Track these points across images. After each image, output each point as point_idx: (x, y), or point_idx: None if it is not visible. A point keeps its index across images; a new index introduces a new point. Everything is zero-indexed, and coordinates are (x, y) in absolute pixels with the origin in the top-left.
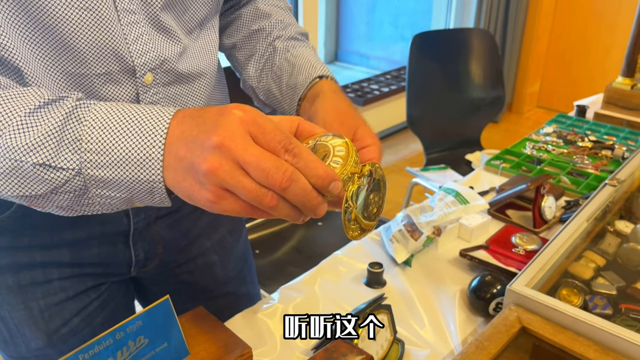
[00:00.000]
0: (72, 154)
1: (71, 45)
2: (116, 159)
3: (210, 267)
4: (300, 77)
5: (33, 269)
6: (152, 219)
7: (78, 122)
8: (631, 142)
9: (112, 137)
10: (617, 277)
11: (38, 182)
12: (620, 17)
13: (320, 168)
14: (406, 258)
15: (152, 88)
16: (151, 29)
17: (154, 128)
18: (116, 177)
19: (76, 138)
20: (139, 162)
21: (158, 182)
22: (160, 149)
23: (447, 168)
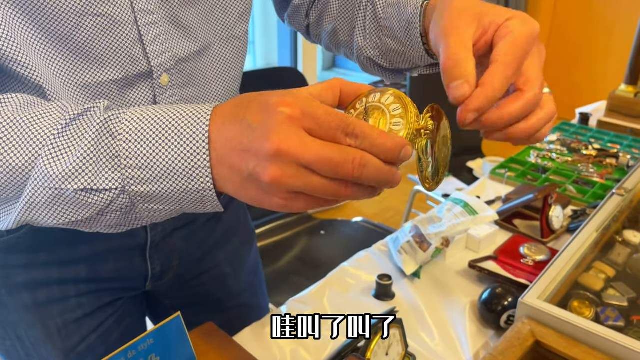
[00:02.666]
0: (113, 172)
1: (87, 53)
2: (159, 173)
3: (223, 278)
4: (410, 9)
5: (50, 286)
6: (168, 230)
7: (112, 138)
8: (635, 150)
9: (151, 150)
10: (628, 288)
11: (83, 207)
12: (618, 22)
13: (387, 141)
14: (415, 270)
15: (169, 90)
16: (170, 27)
17: (193, 134)
18: (163, 190)
19: (113, 155)
20: (185, 173)
21: (209, 190)
22: (206, 156)
23: (449, 175)
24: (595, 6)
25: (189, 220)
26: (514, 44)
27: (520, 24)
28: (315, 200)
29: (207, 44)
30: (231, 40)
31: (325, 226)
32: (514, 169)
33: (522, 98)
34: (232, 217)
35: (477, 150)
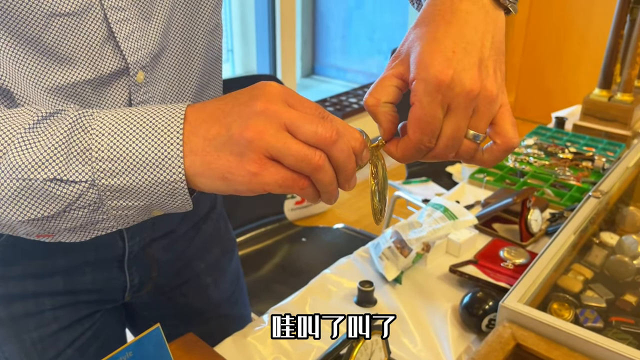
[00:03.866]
0: (83, 165)
1: (58, 54)
2: (131, 164)
3: (204, 289)
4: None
5: (25, 299)
6: (147, 241)
7: (84, 132)
8: (610, 153)
9: (124, 142)
10: (606, 290)
11: (50, 200)
12: (592, 28)
13: (355, 132)
14: (396, 275)
15: (143, 87)
16: (143, 23)
17: (168, 124)
18: (133, 183)
19: (85, 148)
20: (157, 163)
21: (180, 181)
22: (179, 145)
23: (428, 181)
24: (569, 14)
25: (168, 230)
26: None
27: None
28: (285, 175)
29: (181, 38)
30: (205, 34)
31: (306, 233)
32: (493, 173)
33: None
34: (212, 227)
35: None
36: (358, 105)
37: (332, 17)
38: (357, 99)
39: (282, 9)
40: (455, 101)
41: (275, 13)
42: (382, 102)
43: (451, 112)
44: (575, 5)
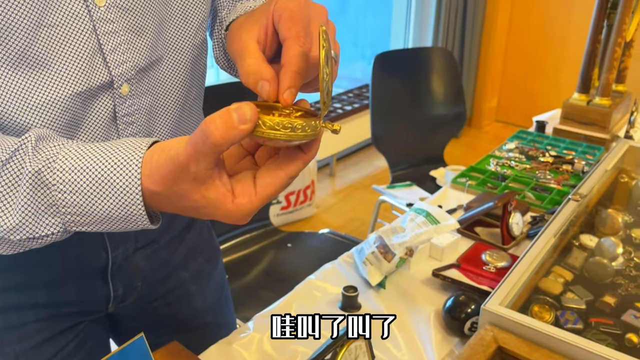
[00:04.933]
0: (53, 218)
1: (46, 68)
2: (99, 219)
3: (188, 298)
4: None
5: (7, 312)
6: (130, 251)
7: (47, 188)
8: (589, 156)
9: (87, 201)
10: (585, 291)
11: (26, 246)
12: (571, 33)
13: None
14: (380, 280)
15: (128, 99)
16: (131, 36)
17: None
18: (103, 229)
19: (51, 203)
20: (123, 219)
21: (147, 225)
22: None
23: (412, 185)
24: (548, 20)
25: (151, 240)
26: (291, 18)
27: (286, 2)
28: None
29: (166, 52)
30: (191, 48)
31: (291, 239)
32: (475, 178)
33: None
34: (195, 236)
35: (439, 160)
36: (342, 110)
37: None
38: (341, 104)
39: None
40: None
41: None
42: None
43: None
44: (554, 10)
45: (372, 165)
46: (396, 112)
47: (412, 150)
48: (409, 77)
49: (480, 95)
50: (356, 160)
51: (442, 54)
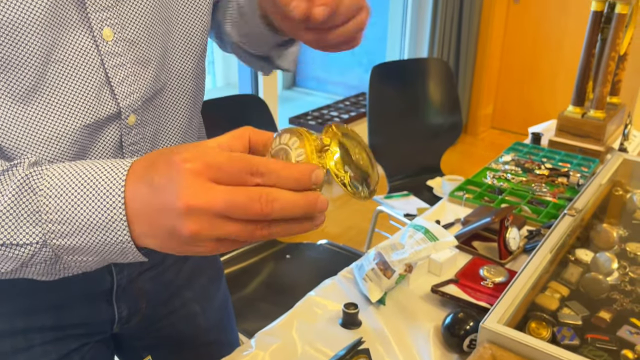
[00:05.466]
0: (33, 227)
1: (56, 101)
2: (79, 226)
3: (192, 317)
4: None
5: (14, 335)
6: (135, 274)
7: (33, 193)
8: (584, 168)
9: (70, 204)
10: (581, 307)
11: (4, 260)
12: (566, 40)
13: (293, 170)
14: (380, 297)
15: (134, 129)
16: (137, 67)
17: (109, 190)
18: (83, 243)
19: (34, 210)
20: (103, 227)
21: (127, 242)
22: (121, 210)
23: (409, 195)
24: (543, 27)
25: (156, 262)
26: None
27: None
28: (240, 242)
29: (169, 81)
30: (191, 77)
31: (290, 250)
32: (472, 191)
33: None
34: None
35: (436, 169)
36: (339, 119)
37: None
38: (338, 112)
39: None
40: None
41: None
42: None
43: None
44: (549, 16)
45: None
46: (393, 123)
47: (409, 160)
48: (405, 87)
49: (476, 102)
50: None
51: (438, 65)
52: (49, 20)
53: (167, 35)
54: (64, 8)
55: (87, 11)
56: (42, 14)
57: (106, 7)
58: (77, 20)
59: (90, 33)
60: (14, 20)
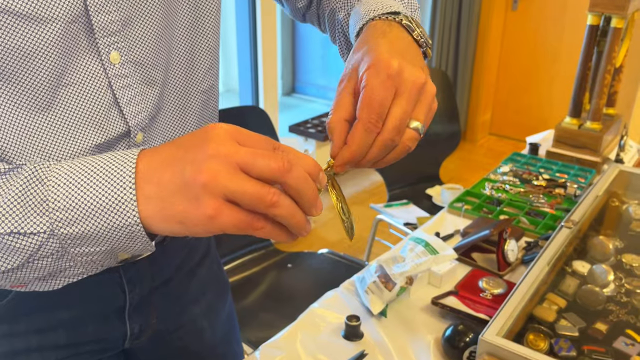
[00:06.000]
0: (41, 216)
1: (67, 123)
2: (87, 211)
3: (200, 332)
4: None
5: (29, 353)
6: (146, 291)
7: (41, 184)
8: (581, 179)
9: (78, 189)
10: (578, 319)
11: (11, 252)
12: (563, 48)
13: (308, 159)
14: (381, 309)
15: (141, 145)
16: (144, 87)
17: (120, 170)
18: (91, 229)
19: (42, 199)
20: (110, 208)
21: (135, 224)
22: (131, 189)
23: (409, 203)
24: (540, 35)
25: (167, 278)
26: (369, 99)
27: (374, 74)
28: (242, 218)
29: (176, 98)
30: (200, 93)
31: (291, 259)
32: (470, 202)
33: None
34: (206, 271)
35: (435, 178)
36: None
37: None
38: None
39: (263, 27)
40: (403, 86)
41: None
42: (343, 120)
43: (398, 96)
44: (546, 25)
45: (369, 179)
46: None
47: (408, 169)
48: None
49: (474, 109)
50: (352, 175)
51: (436, 75)
52: (60, 47)
53: (170, 55)
54: (73, 35)
55: (95, 37)
56: (53, 41)
57: (113, 32)
58: (86, 46)
59: (98, 57)
60: (27, 48)
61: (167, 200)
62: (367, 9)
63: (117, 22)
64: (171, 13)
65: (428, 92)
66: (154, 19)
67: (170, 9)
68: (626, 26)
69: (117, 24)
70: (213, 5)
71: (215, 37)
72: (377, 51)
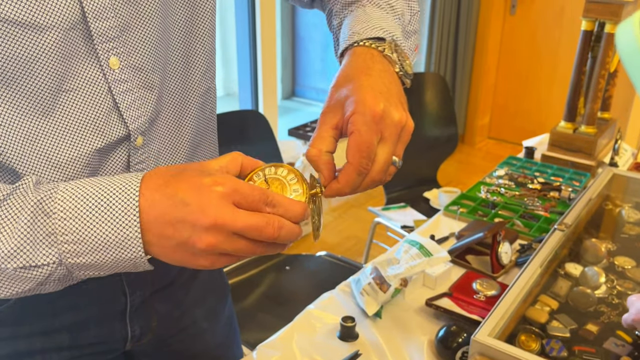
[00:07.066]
0: (49, 248)
1: (68, 128)
2: (94, 245)
3: (200, 335)
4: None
5: (33, 356)
6: (147, 294)
7: (47, 216)
8: (576, 183)
9: (85, 225)
10: (570, 320)
11: (22, 281)
12: (561, 51)
13: (296, 207)
14: (376, 310)
15: (141, 149)
16: (143, 91)
17: (124, 210)
18: (97, 260)
19: (49, 232)
20: (118, 245)
21: (140, 258)
22: (137, 230)
23: (406, 206)
24: (538, 39)
25: (168, 283)
26: (359, 144)
27: (361, 120)
28: (235, 258)
29: (173, 102)
30: (197, 96)
31: (290, 261)
32: (466, 205)
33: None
34: (207, 274)
35: (433, 181)
36: None
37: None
38: None
39: (263, 31)
40: (387, 130)
41: (256, 35)
42: (324, 152)
43: (384, 140)
44: (544, 29)
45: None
46: None
47: (406, 172)
48: None
49: (473, 112)
50: None
51: (434, 79)
52: (59, 54)
53: (166, 58)
54: (72, 42)
55: (93, 43)
56: (53, 48)
57: (112, 37)
58: (85, 52)
59: (98, 63)
60: (27, 55)
61: (168, 249)
62: (354, 29)
63: (115, 28)
64: (168, 17)
65: (407, 131)
66: (152, 24)
67: (166, 13)
68: None
69: (116, 30)
70: (209, 7)
71: (211, 39)
72: (362, 94)
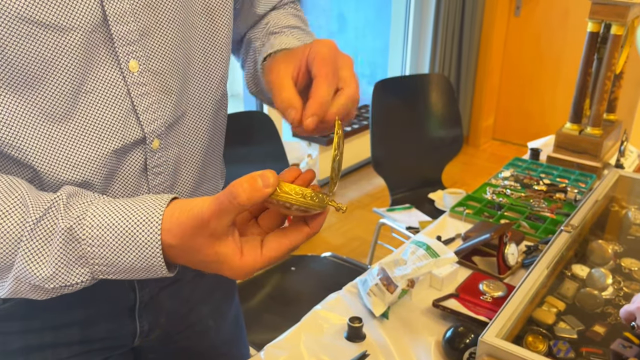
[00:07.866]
0: (82, 268)
1: (87, 129)
2: (123, 269)
3: (207, 332)
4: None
5: (43, 350)
6: (156, 290)
7: (78, 242)
8: (582, 184)
9: (113, 255)
10: (577, 321)
11: (59, 293)
12: (566, 52)
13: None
14: (383, 311)
15: (157, 152)
16: (161, 95)
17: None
18: (126, 276)
19: (81, 256)
20: (144, 269)
21: (166, 274)
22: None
23: (411, 208)
24: (543, 40)
25: (176, 279)
26: (323, 59)
27: (320, 45)
28: None
29: (189, 108)
30: (212, 102)
31: (295, 262)
32: (472, 207)
33: (344, 94)
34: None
35: (438, 182)
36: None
37: None
38: None
39: None
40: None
41: None
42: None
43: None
44: (549, 30)
45: (371, 184)
46: (396, 137)
47: (411, 173)
48: (407, 102)
49: (477, 114)
50: (356, 179)
51: (439, 80)
52: (80, 56)
53: (187, 65)
54: (93, 44)
55: (114, 46)
56: (74, 50)
57: (132, 41)
58: (106, 55)
59: (118, 65)
60: (50, 56)
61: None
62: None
63: (135, 31)
64: (188, 25)
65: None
66: (171, 30)
67: (186, 20)
68: (626, 33)
69: (136, 34)
70: (226, 14)
71: (228, 48)
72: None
